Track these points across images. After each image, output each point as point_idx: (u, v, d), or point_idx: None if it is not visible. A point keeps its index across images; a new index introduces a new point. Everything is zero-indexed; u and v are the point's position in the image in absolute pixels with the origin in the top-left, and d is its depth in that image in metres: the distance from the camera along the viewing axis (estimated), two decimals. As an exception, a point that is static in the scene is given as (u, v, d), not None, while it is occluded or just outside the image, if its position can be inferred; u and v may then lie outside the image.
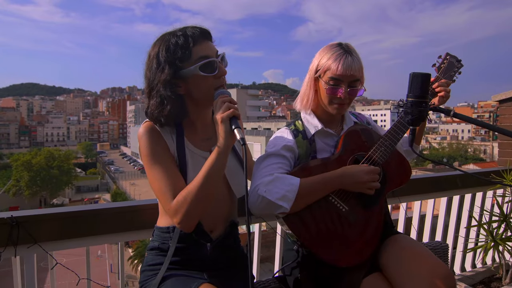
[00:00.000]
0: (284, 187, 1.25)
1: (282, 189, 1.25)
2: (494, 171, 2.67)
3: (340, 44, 1.41)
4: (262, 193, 1.24)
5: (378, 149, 1.38)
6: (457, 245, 2.74)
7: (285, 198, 1.24)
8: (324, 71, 1.40)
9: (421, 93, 1.13)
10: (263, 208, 1.25)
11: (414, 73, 1.14)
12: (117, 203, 1.63)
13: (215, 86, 1.21)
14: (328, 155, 1.44)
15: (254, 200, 1.26)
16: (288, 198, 1.24)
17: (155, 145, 1.21)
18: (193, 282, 1.18)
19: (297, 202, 1.25)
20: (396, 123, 1.37)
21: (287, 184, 1.26)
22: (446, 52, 1.56)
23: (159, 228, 1.30)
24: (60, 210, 1.46)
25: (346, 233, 1.33)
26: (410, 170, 1.46)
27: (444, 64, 1.52)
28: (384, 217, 1.43)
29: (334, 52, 1.38)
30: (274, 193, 1.24)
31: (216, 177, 1.15)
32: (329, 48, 1.41)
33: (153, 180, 1.19)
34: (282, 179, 1.28)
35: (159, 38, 1.23)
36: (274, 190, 1.24)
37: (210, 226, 1.28)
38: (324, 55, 1.40)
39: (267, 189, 1.25)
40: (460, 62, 1.52)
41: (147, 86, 1.23)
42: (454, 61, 1.52)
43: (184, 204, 1.13)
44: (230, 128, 1.10)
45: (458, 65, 1.52)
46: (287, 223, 1.30)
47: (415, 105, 1.14)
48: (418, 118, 1.14)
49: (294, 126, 1.49)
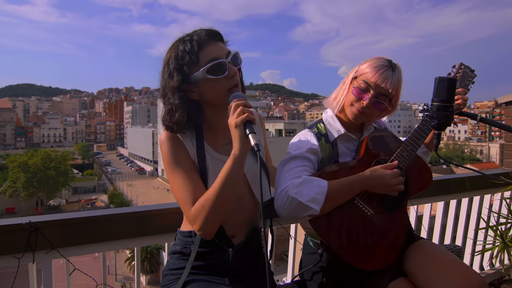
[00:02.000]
0: (313, 189, 1.25)
1: (312, 191, 1.25)
2: (503, 173, 2.67)
3: (390, 60, 1.40)
4: (293, 194, 1.24)
5: (400, 154, 1.39)
6: (465, 247, 2.74)
7: (315, 200, 1.24)
8: (361, 74, 1.41)
9: (447, 97, 1.13)
10: (293, 210, 1.25)
11: (440, 77, 1.14)
12: (134, 207, 1.62)
13: (228, 87, 1.18)
14: (349, 159, 1.44)
15: (282, 202, 1.26)
16: (318, 200, 1.24)
17: (174, 151, 1.21)
18: (215, 287, 1.17)
19: (326, 204, 1.25)
20: (418, 128, 1.38)
21: (316, 186, 1.26)
22: (460, 62, 1.59)
23: (181, 233, 1.30)
24: (77, 215, 1.44)
25: (372, 237, 1.33)
26: (431, 175, 1.47)
27: (459, 73, 1.55)
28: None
29: (380, 62, 1.38)
30: (305, 195, 1.24)
31: (233, 183, 1.12)
32: (377, 58, 1.41)
33: (173, 187, 1.20)
34: (311, 181, 1.28)
35: (171, 45, 1.23)
36: (304, 192, 1.24)
37: (232, 231, 1.27)
38: (369, 61, 1.41)
39: (297, 190, 1.24)
40: (473, 72, 1.56)
41: (161, 94, 1.23)
42: (468, 71, 1.56)
43: (203, 211, 1.12)
44: (245, 133, 1.07)
45: (472, 75, 1.57)
46: (313, 226, 1.30)
47: (441, 109, 1.13)
48: (444, 123, 1.14)
49: (316, 129, 1.48)
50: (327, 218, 1.30)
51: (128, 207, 1.61)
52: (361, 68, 1.41)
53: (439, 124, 1.14)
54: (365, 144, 1.42)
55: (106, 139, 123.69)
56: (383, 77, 1.34)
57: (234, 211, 1.24)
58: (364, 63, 1.42)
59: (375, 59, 1.40)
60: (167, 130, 1.23)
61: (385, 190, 1.33)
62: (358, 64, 1.46)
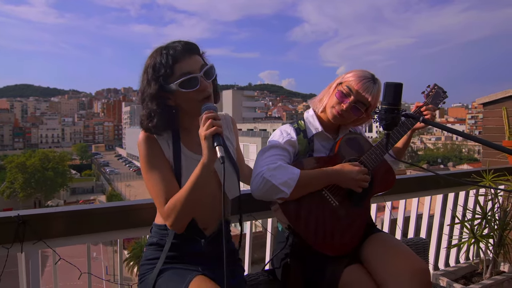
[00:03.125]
0: (287, 175, 1.40)
1: (285, 175, 1.40)
2: (475, 171, 2.80)
3: (373, 74, 1.58)
4: (267, 176, 1.39)
5: (369, 156, 1.56)
6: (441, 242, 2.86)
7: (286, 184, 1.39)
8: (346, 81, 1.56)
9: (393, 100, 1.25)
10: (266, 191, 1.39)
11: (387, 82, 1.25)
12: (116, 202, 1.73)
13: (199, 99, 1.30)
14: (323, 156, 1.60)
15: (258, 183, 1.40)
16: (290, 184, 1.39)
17: (151, 152, 1.33)
18: (189, 274, 1.30)
19: (296, 190, 1.40)
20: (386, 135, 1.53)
21: (289, 172, 1.41)
22: (434, 83, 1.78)
23: (157, 226, 1.41)
24: (63, 209, 1.56)
25: (334, 225, 1.48)
26: (394, 179, 1.65)
27: (432, 92, 1.74)
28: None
29: (364, 74, 1.56)
30: (278, 178, 1.39)
31: (202, 187, 1.24)
32: (362, 70, 1.59)
33: (149, 185, 1.32)
34: (285, 167, 1.43)
35: (152, 53, 1.33)
36: (278, 176, 1.39)
37: (204, 224, 1.40)
38: (355, 72, 1.58)
39: (272, 173, 1.39)
40: (445, 93, 1.76)
41: (140, 99, 1.34)
42: (441, 92, 1.74)
43: (174, 210, 1.25)
44: (213, 145, 1.16)
45: (443, 95, 1.74)
46: (282, 209, 1.44)
47: (388, 111, 1.25)
48: (391, 123, 1.26)
49: (297, 124, 1.64)
50: (296, 203, 1.45)
51: (111, 202, 1.73)
52: (347, 76, 1.57)
53: (387, 124, 1.27)
54: (339, 144, 1.58)
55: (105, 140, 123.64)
56: (365, 86, 1.52)
57: (206, 206, 1.36)
58: (350, 72, 1.58)
59: (360, 71, 1.57)
60: (145, 131, 1.34)
61: (351, 184, 1.48)
62: (345, 73, 1.61)
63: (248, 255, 2.01)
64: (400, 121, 1.33)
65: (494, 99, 3.53)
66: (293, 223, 1.45)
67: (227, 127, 1.56)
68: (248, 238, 2.01)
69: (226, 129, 1.55)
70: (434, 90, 1.74)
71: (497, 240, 2.55)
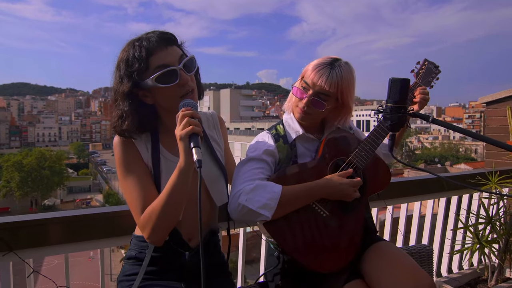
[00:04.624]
0: (265, 195, 1.24)
1: (263, 197, 1.24)
2: (480, 173, 2.68)
3: (335, 58, 1.39)
4: (243, 202, 1.23)
5: (358, 154, 1.39)
6: (443, 247, 2.75)
7: (266, 207, 1.23)
8: (304, 75, 1.41)
9: (400, 98, 1.12)
10: (243, 215, 1.24)
11: (393, 78, 1.13)
12: (98, 208, 1.60)
13: (180, 94, 1.16)
14: (309, 159, 1.43)
15: (234, 207, 1.25)
16: (270, 206, 1.23)
17: (126, 157, 1.19)
18: None
19: (278, 210, 1.24)
20: (376, 128, 1.38)
21: (268, 191, 1.25)
22: (424, 58, 1.59)
23: (136, 237, 1.28)
24: (36, 217, 1.42)
25: (327, 239, 1.32)
26: (389, 175, 1.47)
27: (422, 70, 1.55)
28: (365, 222, 1.43)
29: (320, 61, 1.38)
30: (255, 201, 1.23)
31: (179, 193, 1.10)
32: (322, 59, 1.40)
33: (125, 193, 1.18)
34: (264, 186, 1.26)
35: (124, 46, 1.19)
36: (256, 199, 1.23)
37: (188, 235, 1.26)
38: (313, 62, 1.40)
39: (248, 197, 1.23)
40: (438, 68, 1.55)
41: (112, 97, 1.20)
42: (432, 67, 1.55)
43: (150, 220, 1.11)
44: (189, 146, 1.03)
45: (436, 71, 1.56)
46: (267, 229, 1.29)
47: (394, 110, 1.13)
48: (398, 124, 1.13)
49: (275, 130, 1.48)
50: (281, 220, 1.29)
51: (93, 208, 1.59)
52: (305, 69, 1.41)
53: (393, 125, 1.14)
54: (323, 144, 1.42)
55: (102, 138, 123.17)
56: (319, 75, 1.35)
57: (191, 214, 1.22)
58: (310, 64, 1.41)
59: (320, 59, 1.40)
60: (119, 135, 1.20)
61: (340, 198, 1.33)
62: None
63: (241, 266, 1.88)
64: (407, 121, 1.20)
65: (498, 98, 3.42)
66: (281, 243, 1.30)
67: (214, 127, 1.42)
68: (240, 247, 1.88)
69: (213, 129, 1.42)
70: (424, 67, 1.55)
71: (503, 246, 2.44)
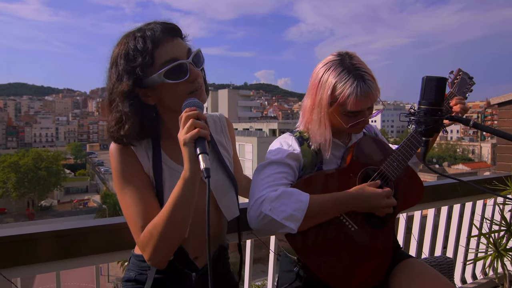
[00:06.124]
0: (291, 205, 1.11)
1: (289, 207, 1.10)
2: (497, 178, 2.55)
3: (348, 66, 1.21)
4: (266, 211, 1.10)
5: (390, 163, 1.26)
6: (457, 256, 2.62)
7: (292, 218, 1.10)
8: (341, 102, 1.21)
9: (436, 99, 0.98)
10: (265, 225, 1.12)
11: (427, 76, 0.99)
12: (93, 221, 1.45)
13: (189, 91, 1.03)
14: (335, 166, 1.30)
15: (255, 216, 1.12)
16: (296, 217, 1.10)
17: (124, 166, 1.05)
18: None
19: (305, 222, 1.11)
20: (410, 136, 1.26)
21: (295, 201, 1.11)
22: (458, 68, 1.48)
23: (135, 256, 1.13)
24: (24, 231, 1.27)
25: (354, 255, 1.19)
26: (422, 188, 1.34)
27: (457, 79, 1.44)
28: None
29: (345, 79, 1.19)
30: (280, 211, 1.10)
31: (184, 208, 0.96)
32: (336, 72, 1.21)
33: (123, 208, 1.04)
34: (290, 194, 1.13)
35: (119, 41, 1.04)
36: (281, 208, 1.10)
37: (195, 253, 1.12)
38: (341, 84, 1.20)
39: (272, 206, 1.10)
40: (472, 79, 1.46)
41: (107, 99, 1.05)
42: (466, 78, 1.45)
43: (151, 240, 0.97)
44: (195, 152, 0.90)
45: (470, 82, 1.45)
46: (289, 240, 1.16)
47: (430, 113, 0.99)
48: (433, 129, 0.99)
49: (299, 133, 1.34)
50: (304, 233, 1.15)
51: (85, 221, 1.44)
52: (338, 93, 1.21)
53: (427, 129, 1.00)
54: (352, 152, 1.28)
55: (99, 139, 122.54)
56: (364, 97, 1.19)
57: (197, 230, 1.08)
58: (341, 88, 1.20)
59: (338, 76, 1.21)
60: (116, 142, 1.06)
61: (373, 211, 1.20)
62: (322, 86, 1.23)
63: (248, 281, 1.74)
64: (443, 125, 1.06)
65: (511, 99, 3.29)
66: (303, 257, 1.17)
67: (222, 131, 1.27)
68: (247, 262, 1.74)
69: (221, 133, 1.27)
70: (459, 77, 1.45)
71: (523, 255, 2.31)
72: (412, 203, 1.33)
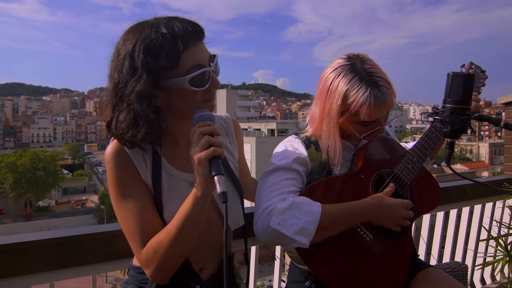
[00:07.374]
0: (302, 217, 1.02)
1: (300, 219, 1.02)
2: (507, 179, 2.48)
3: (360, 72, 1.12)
4: (274, 225, 1.02)
5: (405, 165, 1.17)
6: (465, 260, 2.55)
7: (303, 232, 1.01)
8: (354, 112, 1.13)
9: (464, 98, 0.91)
10: (274, 239, 1.04)
11: (454, 73, 0.91)
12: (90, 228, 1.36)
13: (204, 99, 0.96)
14: (345, 170, 1.21)
15: (262, 229, 1.04)
16: (307, 231, 1.02)
17: (123, 174, 0.97)
18: None
19: (317, 235, 1.02)
20: (425, 136, 1.17)
21: (305, 213, 1.03)
22: (470, 61, 1.37)
23: (134, 268, 1.05)
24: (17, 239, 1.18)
25: (370, 267, 1.11)
26: (440, 191, 1.25)
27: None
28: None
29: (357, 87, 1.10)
30: (290, 225, 1.01)
31: (194, 227, 0.90)
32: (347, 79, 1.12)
33: (120, 219, 0.96)
34: (300, 206, 1.04)
35: (135, 30, 0.93)
36: (290, 221, 1.01)
37: (199, 264, 1.04)
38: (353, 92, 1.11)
39: (281, 220, 1.02)
40: (484, 73, 1.35)
41: (113, 93, 0.94)
42: (479, 72, 1.34)
43: (155, 257, 0.90)
44: (210, 173, 0.84)
45: (483, 76, 1.35)
46: (301, 256, 1.07)
47: (456, 112, 0.91)
48: (460, 129, 0.92)
49: (305, 136, 1.25)
50: (316, 245, 1.07)
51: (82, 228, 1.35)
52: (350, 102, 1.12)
53: (453, 130, 0.92)
54: (363, 154, 1.20)
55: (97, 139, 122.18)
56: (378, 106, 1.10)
57: (202, 239, 1.00)
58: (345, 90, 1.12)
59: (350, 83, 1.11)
60: (124, 145, 0.96)
61: (390, 222, 1.11)
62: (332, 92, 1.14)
63: None
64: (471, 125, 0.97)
65: (518, 99, 3.22)
66: (315, 270, 1.09)
67: (228, 133, 1.19)
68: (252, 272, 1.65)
69: (226, 135, 1.19)
70: (471, 70, 1.35)
71: (535, 259, 2.23)
72: (430, 206, 1.26)
